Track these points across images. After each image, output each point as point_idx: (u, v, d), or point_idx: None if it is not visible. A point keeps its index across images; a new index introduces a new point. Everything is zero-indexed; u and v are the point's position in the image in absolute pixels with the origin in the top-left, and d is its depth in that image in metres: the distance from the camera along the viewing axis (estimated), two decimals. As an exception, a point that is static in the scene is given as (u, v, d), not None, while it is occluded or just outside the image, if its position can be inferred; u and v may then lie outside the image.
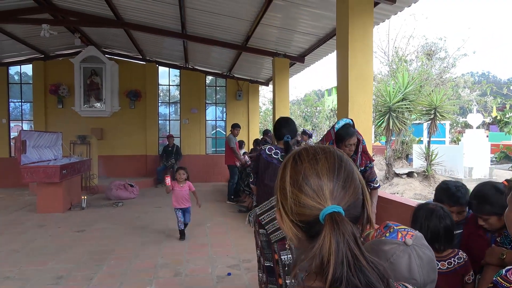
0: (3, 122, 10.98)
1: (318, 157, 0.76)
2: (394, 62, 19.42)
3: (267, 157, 3.08)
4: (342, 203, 0.72)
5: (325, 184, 0.73)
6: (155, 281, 3.82)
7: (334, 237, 0.67)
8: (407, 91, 11.67)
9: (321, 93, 32.72)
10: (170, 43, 9.54)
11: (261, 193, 3.09)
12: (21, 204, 8.11)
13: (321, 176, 0.74)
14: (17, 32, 8.79)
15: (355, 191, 0.75)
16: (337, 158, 0.77)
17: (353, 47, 4.41)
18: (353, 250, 0.66)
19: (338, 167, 0.75)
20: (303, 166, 0.76)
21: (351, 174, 0.76)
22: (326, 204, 0.71)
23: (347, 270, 0.64)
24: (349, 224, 0.68)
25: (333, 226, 0.68)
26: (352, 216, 0.73)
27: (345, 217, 0.70)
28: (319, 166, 0.75)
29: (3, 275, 3.98)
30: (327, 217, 0.69)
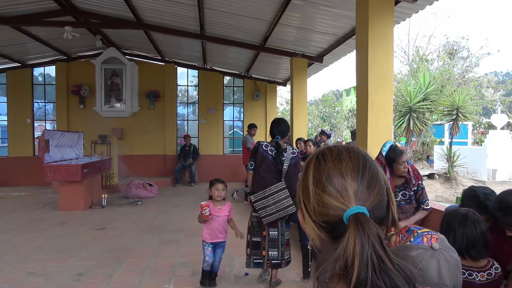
0: (28, 122, 11.31)
1: (342, 157, 0.75)
2: (415, 61, 19.07)
3: (263, 152, 3.59)
4: (367, 204, 0.70)
5: (349, 184, 0.71)
6: (173, 280, 3.85)
7: (359, 238, 0.65)
8: (428, 91, 11.44)
9: (339, 93, 32.40)
10: (188, 44, 9.63)
11: (256, 182, 3.57)
12: (44, 202, 8.33)
13: (345, 176, 0.72)
14: (41, 34, 9.03)
15: (380, 192, 0.73)
16: (361, 157, 0.75)
17: (373, 46, 4.35)
18: (378, 251, 0.64)
19: (363, 167, 0.73)
20: (327, 166, 0.74)
21: (376, 175, 0.74)
22: (350, 204, 0.70)
23: (371, 272, 0.63)
24: (374, 225, 0.67)
25: (357, 227, 0.66)
26: (377, 217, 0.72)
27: (370, 218, 0.68)
28: (343, 166, 0.73)
29: (26, 270, 4.09)
30: (351, 218, 0.68)
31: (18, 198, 8.87)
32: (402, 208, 3.11)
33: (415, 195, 3.13)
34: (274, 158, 3.59)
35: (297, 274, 4.04)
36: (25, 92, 11.28)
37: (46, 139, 7.30)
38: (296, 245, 4.19)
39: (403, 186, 3.12)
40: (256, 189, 3.55)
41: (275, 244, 3.62)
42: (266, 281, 3.76)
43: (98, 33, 9.37)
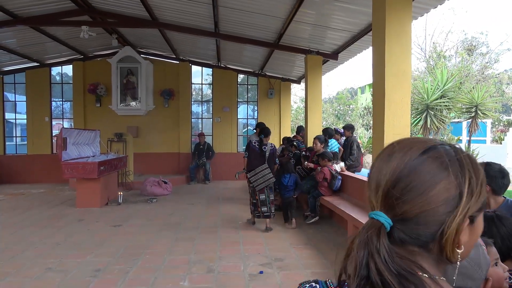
0: (46, 120, 11.53)
1: (392, 157, 0.69)
2: (432, 58, 18.72)
3: (253, 146, 5.85)
4: (392, 213, 0.65)
5: (381, 187, 0.67)
6: (188, 277, 3.86)
7: (357, 239, 0.65)
8: (446, 88, 11.20)
9: (354, 91, 32.08)
10: (203, 42, 9.65)
11: (250, 165, 5.81)
12: (62, 199, 8.48)
13: (382, 177, 0.68)
14: (59, 34, 9.19)
15: (423, 208, 0.64)
16: (411, 163, 0.67)
17: (390, 42, 4.27)
18: (376, 262, 0.61)
19: (403, 174, 0.65)
20: (376, 163, 0.71)
21: (425, 188, 0.64)
22: (376, 207, 0.68)
23: (367, 279, 0.61)
24: (376, 235, 0.63)
25: (362, 230, 0.66)
26: (414, 232, 0.65)
27: (382, 226, 0.64)
28: (385, 167, 0.68)
29: (45, 266, 4.17)
30: (368, 220, 0.67)
31: (37, 195, 9.06)
32: None
33: None
34: (259, 149, 5.80)
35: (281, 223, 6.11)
36: (43, 91, 11.51)
37: (63, 137, 7.43)
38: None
39: None
40: (250, 169, 5.78)
41: (264, 203, 5.77)
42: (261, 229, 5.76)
43: (114, 32, 9.48)
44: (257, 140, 5.90)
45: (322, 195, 6.09)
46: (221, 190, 9.71)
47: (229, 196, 8.65)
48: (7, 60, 10.66)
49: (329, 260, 4.40)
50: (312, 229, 5.83)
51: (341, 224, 5.81)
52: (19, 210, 7.24)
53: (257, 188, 5.71)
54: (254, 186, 5.74)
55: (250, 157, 5.82)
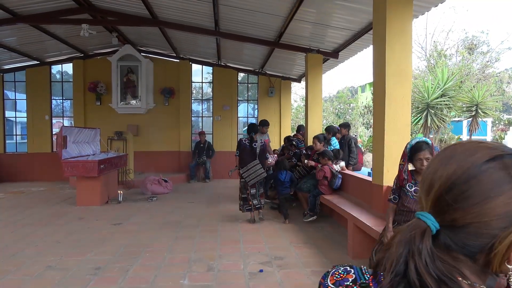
0: (46, 119, 11.53)
1: (451, 160, 0.65)
2: (433, 57, 18.70)
3: (243, 144, 6.13)
4: (440, 218, 0.63)
5: (434, 190, 0.64)
6: (189, 275, 3.87)
7: (399, 237, 0.63)
8: (447, 87, 11.20)
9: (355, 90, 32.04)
10: (203, 40, 9.64)
11: (242, 161, 6.10)
12: (62, 197, 8.49)
13: (437, 180, 0.65)
14: (59, 32, 9.18)
15: (476, 219, 0.61)
16: (472, 171, 0.62)
17: (391, 41, 4.27)
18: (416, 262, 0.60)
19: (460, 181, 0.62)
20: (432, 163, 0.69)
21: (481, 199, 0.60)
22: (425, 208, 0.66)
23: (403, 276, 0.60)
24: (420, 237, 0.62)
25: (407, 227, 0.64)
26: (461, 241, 0.62)
27: (428, 229, 0.62)
28: (442, 170, 0.65)
29: (45, 264, 4.17)
30: (414, 219, 0.66)
31: (37, 193, 9.06)
32: None
33: None
34: (250, 146, 6.10)
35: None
36: (44, 89, 11.50)
37: (63, 135, 7.43)
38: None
39: None
40: (242, 165, 6.09)
41: (255, 197, 6.13)
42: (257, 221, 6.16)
43: (114, 30, 9.48)
44: (247, 138, 6.19)
45: (322, 193, 6.09)
46: (221, 189, 9.71)
47: (229, 195, 8.65)
48: (7, 58, 10.66)
49: (329, 258, 4.40)
50: (312, 227, 5.83)
51: (341, 222, 5.81)
52: (19, 209, 7.24)
53: (249, 183, 6.05)
54: (246, 181, 6.06)
55: (241, 154, 6.12)
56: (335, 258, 4.42)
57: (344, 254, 4.59)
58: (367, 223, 4.12)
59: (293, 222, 6.19)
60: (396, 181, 3.25)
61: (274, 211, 7.04)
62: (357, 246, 4.45)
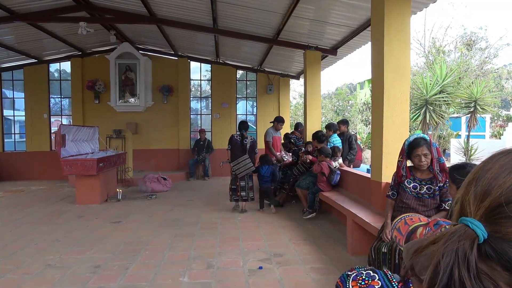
0: (45, 117, 11.50)
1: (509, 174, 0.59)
2: (431, 53, 18.69)
3: (235, 140, 6.69)
4: (491, 228, 0.58)
5: (491, 197, 0.59)
6: (188, 273, 3.87)
7: (443, 244, 0.59)
8: (445, 83, 11.19)
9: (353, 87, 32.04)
10: (201, 38, 9.62)
11: (233, 155, 6.62)
12: (62, 196, 8.49)
13: (495, 187, 0.59)
14: (56, 30, 9.15)
15: None
16: None
17: (389, 37, 4.26)
18: (462, 273, 0.56)
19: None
20: (492, 165, 0.62)
21: None
22: (473, 214, 0.61)
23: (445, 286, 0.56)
24: (469, 246, 0.57)
25: (451, 234, 0.59)
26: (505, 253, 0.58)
27: (477, 238, 0.58)
28: (506, 177, 0.59)
29: (45, 262, 4.17)
30: (460, 225, 0.60)
31: (36, 192, 9.06)
32: (424, 201, 3.10)
33: (440, 191, 3.08)
34: (241, 142, 6.64)
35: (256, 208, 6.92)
36: (42, 88, 11.47)
37: (62, 133, 7.41)
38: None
39: (430, 180, 3.09)
40: (233, 159, 6.63)
41: (244, 189, 6.65)
42: (238, 210, 6.74)
43: (112, 28, 9.45)
44: (238, 134, 6.72)
45: (321, 190, 6.09)
46: (220, 186, 9.71)
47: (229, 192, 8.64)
48: (4, 57, 10.62)
49: (328, 255, 4.42)
50: (311, 224, 5.84)
51: (340, 219, 5.83)
52: (18, 207, 7.24)
53: (239, 176, 6.62)
54: (236, 174, 6.61)
55: (232, 149, 6.65)
56: (335, 255, 4.44)
57: (343, 251, 4.60)
58: (366, 220, 4.13)
59: (292, 219, 6.20)
60: (395, 177, 3.26)
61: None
62: (356, 242, 4.46)
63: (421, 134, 3.17)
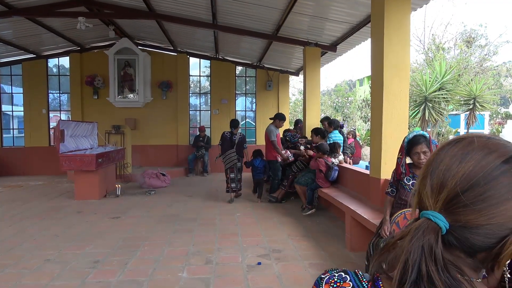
0: (43, 113, 11.47)
1: (467, 157, 0.62)
2: (431, 50, 18.67)
3: (225, 135, 7.30)
4: (452, 218, 0.60)
5: (447, 189, 0.61)
6: (187, 268, 3.88)
7: (409, 241, 0.60)
8: (445, 80, 11.20)
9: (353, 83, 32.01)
10: (201, 34, 9.59)
11: (223, 150, 7.22)
12: (60, 191, 8.48)
13: (450, 178, 0.61)
14: (55, 25, 9.10)
15: (488, 221, 0.59)
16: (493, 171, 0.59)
17: (389, 34, 4.26)
18: (429, 268, 0.57)
19: (479, 182, 0.59)
20: (442, 158, 0.64)
21: (498, 201, 0.59)
22: (433, 207, 0.62)
23: (415, 285, 0.58)
24: (434, 239, 0.59)
25: (416, 230, 0.61)
26: (466, 240, 0.61)
27: (439, 230, 0.60)
28: (457, 167, 0.61)
29: (44, 257, 4.18)
30: (422, 219, 0.62)
31: (35, 187, 9.05)
32: None
33: None
34: (230, 138, 7.25)
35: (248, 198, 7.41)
36: (40, 83, 11.43)
37: (61, 129, 7.40)
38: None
39: None
40: (222, 153, 7.27)
41: (233, 181, 7.28)
42: (231, 201, 7.30)
43: (111, 23, 9.41)
44: (228, 132, 7.36)
45: (320, 187, 6.11)
46: (219, 182, 9.71)
47: (228, 188, 8.66)
48: (3, 52, 10.57)
49: (327, 251, 4.43)
50: (310, 221, 5.86)
51: (339, 216, 5.84)
52: (17, 202, 7.24)
53: (226, 167, 7.25)
54: (224, 166, 7.29)
55: (223, 144, 7.30)
56: (333, 251, 4.45)
57: (342, 247, 4.62)
58: (365, 216, 4.14)
59: (291, 215, 6.21)
60: (394, 174, 3.27)
61: (273, 204, 7.07)
62: (354, 239, 4.47)
63: (420, 131, 3.16)
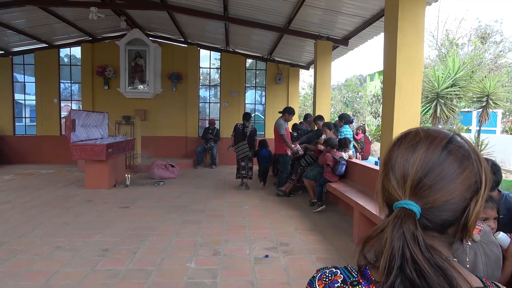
0: (55, 102, 11.59)
1: (418, 146, 0.69)
2: (444, 45, 18.38)
3: (238, 128, 7.80)
4: (422, 202, 0.67)
5: (410, 177, 0.68)
6: (195, 259, 3.92)
7: (391, 232, 0.65)
8: (458, 77, 11.01)
9: (363, 78, 31.71)
10: (212, 25, 9.56)
11: (235, 141, 7.76)
12: (71, 180, 8.59)
13: (410, 167, 0.68)
14: (67, 15, 9.15)
15: (449, 194, 0.67)
16: (441, 153, 0.68)
17: (403, 28, 4.19)
18: (413, 251, 0.62)
19: (435, 164, 0.67)
20: (397, 152, 0.71)
21: (453, 176, 0.67)
22: (403, 197, 0.68)
23: (401, 268, 0.62)
24: (413, 224, 0.64)
25: (394, 220, 0.66)
26: (438, 218, 0.67)
27: (415, 215, 0.65)
28: (413, 157, 0.69)
29: (55, 245, 4.25)
30: (396, 210, 0.67)
31: (46, 176, 9.18)
32: None
33: None
34: (242, 130, 7.75)
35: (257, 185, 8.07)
36: (52, 73, 11.53)
37: (72, 118, 7.47)
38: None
39: None
40: (234, 144, 7.80)
41: (244, 168, 7.81)
42: (242, 188, 7.92)
43: (123, 14, 9.42)
44: (241, 124, 7.86)
45: (328, 181, 6.09)
46: (227, 175, 9.75)
47: (235, 181, 8.68)
48: (16, 41, 10.67)
49: (334, 246, 4.43)
50: (318, 215, 5.85)
51: (347, 210, 5.83)
52: (28, 190, 7.35)
53: (238, 157, 7.81)
54: (236, 156, 7.86)
55: (235, 135, 7.83)
56: (340, 246, 4.45)
57: (349, 242, 4.61)
58: (373, 211, 4.12)
59: (299, 209, 6.21)
60: None
61: (280, 198, 7.08)
62: (362, 234, 4.44)
63: None
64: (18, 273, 3.49)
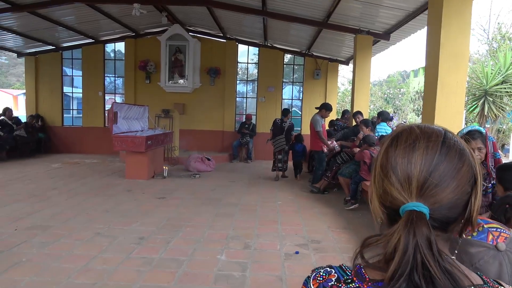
0: (100, 95, 12.14)
1: (417, 145, 0.67)
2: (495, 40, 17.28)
3: (276, 122, 8.31)
4: (430, 202, 0.64)
5: (415, 178, 0.65)
6: (226, 252, 3.97)
7: (404, 237, 0.61)
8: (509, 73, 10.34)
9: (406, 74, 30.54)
10: (250, 20, 9.58)
11: (274, 135, 8.30)
12: (113, 170, 8.98)
13: (413, 167, 0.65)
14: (112, 11, 9.52)
15: (456, 191, 0.65)
16: (441, 149, 0.66)
17: (447, 22, 3.99)
18: (425, 256, 0.60)
19: (438, 161, 0.65)
20: (396, 153, 0.68)
21: (456, 172, 0.65)
22: (410, 199, 0.65)
23: (410, 274, 0.59)
24: (427, 228, 0.62)
25: (406, 224, 0.62)
26: (445, 217, 0.66)
27: (426, 217, 0.63)
28: (414, 156, 0.66)
29: (95, 231, 4.47)
30: (406, 213, 0.64)
31: (90, 165, 9.66)
32: None
33: (492, 188, 2.88)
34: (280, 125, 8.23)
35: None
36: (98, 67, 12.08)
37: (114, 111, 7.79)
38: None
39: (483, 176, 2.88)
40: (273, 137, 8.32)
41: (280, 161, 8.35)
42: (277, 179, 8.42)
43: (164, 10, 9.66)
44: (279, 119, 8.34)
45: (363, 179, 5.95)
46: (262, 170, 9.78)
47: (270, 176, 8.70)
48: (65, 36, 11.26)
49: (367, 245, 4.32)
50: (352, 213, 5.74)
51: (383, 210, 5.67)
52: (74, 178, 7.77)
53: (275, 150, 8.31)
54: (274, 149, 8.33)
55: (274, 129, 8.32)
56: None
57: (383, 243, 4.49)
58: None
59: (333, 207, 6.13)
60: None
61: (314, 195, 7.01)
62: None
63: (475, 127, 2.95)
64: (61, 255, 3.70)
